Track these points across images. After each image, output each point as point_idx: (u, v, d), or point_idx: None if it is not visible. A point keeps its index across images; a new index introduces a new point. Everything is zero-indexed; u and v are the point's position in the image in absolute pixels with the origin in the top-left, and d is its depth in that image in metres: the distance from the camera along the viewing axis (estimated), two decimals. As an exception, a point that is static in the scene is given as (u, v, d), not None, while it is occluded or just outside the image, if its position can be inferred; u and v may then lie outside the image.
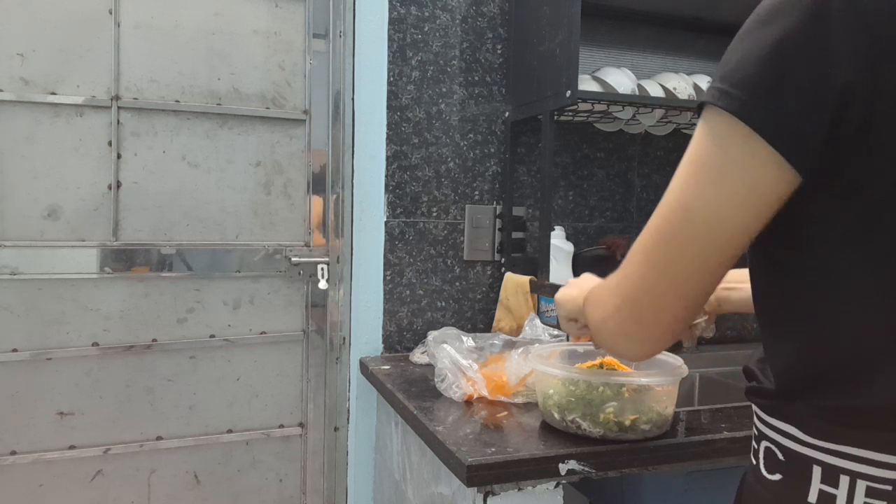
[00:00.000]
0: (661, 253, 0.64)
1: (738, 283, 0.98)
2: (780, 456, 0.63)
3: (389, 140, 1.61)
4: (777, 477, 0.64)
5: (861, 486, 0.57)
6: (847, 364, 0.59)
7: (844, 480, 0.58)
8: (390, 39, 1.60)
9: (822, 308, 0.60)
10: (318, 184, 1.65)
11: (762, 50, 0.56)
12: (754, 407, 0.69)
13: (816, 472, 0.60)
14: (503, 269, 1.68)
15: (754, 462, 0.68)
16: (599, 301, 0.72)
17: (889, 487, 0.57)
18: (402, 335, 1.65)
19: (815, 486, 0.60)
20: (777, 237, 0.62)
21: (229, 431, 1.61)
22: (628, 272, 0.68)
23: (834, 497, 0.58)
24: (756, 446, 0.68)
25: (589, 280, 0.93)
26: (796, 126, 0.55)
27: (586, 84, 1.58)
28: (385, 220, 1.62)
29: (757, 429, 0.68)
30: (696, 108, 0.62)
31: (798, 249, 0.61)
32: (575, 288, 0.93)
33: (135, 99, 1.50)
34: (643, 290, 0.66)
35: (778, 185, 0.57)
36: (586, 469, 0.98)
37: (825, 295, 0.60)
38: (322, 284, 1.64)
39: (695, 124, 1.96)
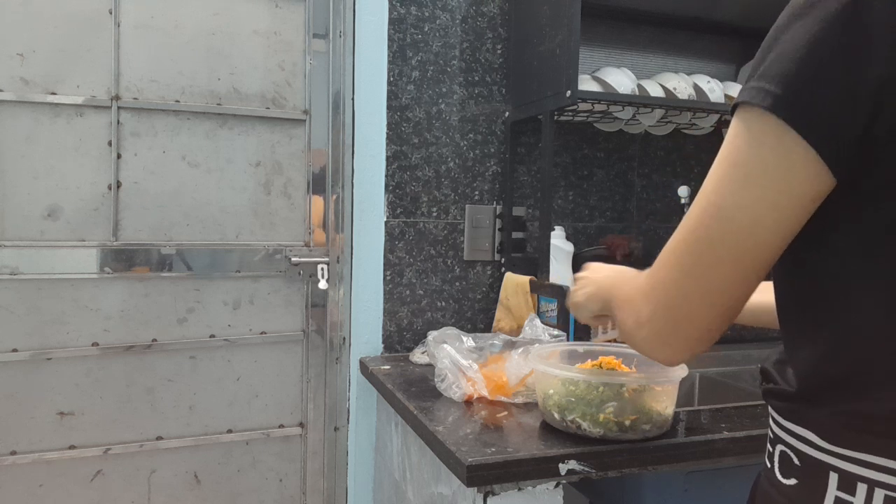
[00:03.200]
0: (694, 258, 0.61)
1: None
2: (796, 461, 0.62)
3: (389, 140, 1.61)
4: (792, 481, 0.62)
5: (879, 494, 0.55)
6: (869, 369, 0.57)
7: (862, 488, 0.56)
8: (390, 39, 1.60)
9: (845, 311, 0.59)
10: (318, 184, 1.65)
11: (798, 43, 0.54)
12: (770, 409, 0.67)
13: (833, 478, 0.58)
14: (503, 269, 1.68)
15: (769, 465, 0.67)
16: (632, 306, 0.70)
17: None
18: (402, 335, 1.65)
19: (832, 492, 0.58)
20: (802, 238, 0.60)
21: (229, 431, 1.61)
22: (661, 277, 0.65)
23: None
24: (771, 449, 0.67)
25: (599, 271, 0.92)
26: (830, 119, 0.53)
27: (586, 84, 1.58)
28: (385, 219, 1.62)
29: (773, 432, 0.67)
30: (731, 108, 0.60)
31: (823, 251, 0.59)
32: (592, 285, 0.92)
33: (135, 99, 1.50)
34: (677, 297, 0.63)
35: (813, 184, 0.55)
36: (586, 469, 0.98)
37: (848, 298, 0.58)
38: (322, 284, 1.64)
39: (695, 124, 1.96)
